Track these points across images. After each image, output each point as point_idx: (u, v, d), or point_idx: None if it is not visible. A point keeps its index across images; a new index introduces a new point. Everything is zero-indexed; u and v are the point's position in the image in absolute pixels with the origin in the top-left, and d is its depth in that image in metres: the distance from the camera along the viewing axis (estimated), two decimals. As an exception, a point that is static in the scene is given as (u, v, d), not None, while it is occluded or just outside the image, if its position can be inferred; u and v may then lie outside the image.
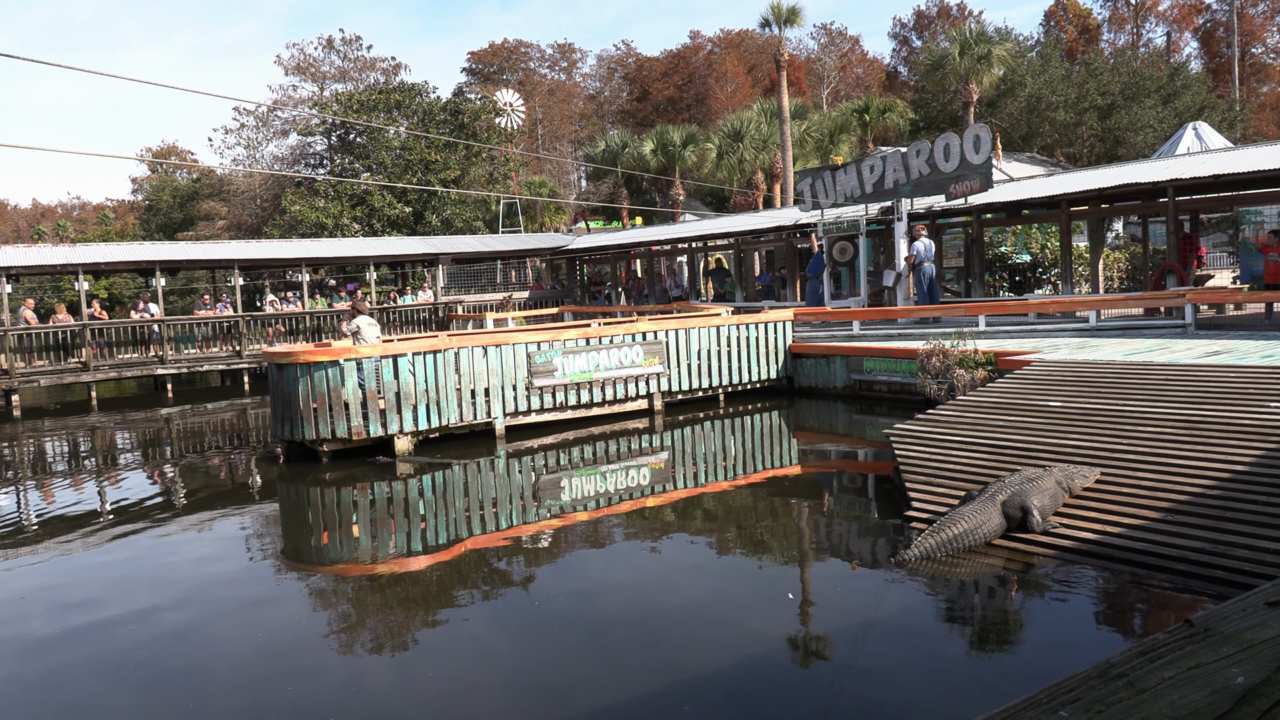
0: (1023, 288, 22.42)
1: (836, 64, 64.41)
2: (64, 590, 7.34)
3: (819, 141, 39.40)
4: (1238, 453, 7.08)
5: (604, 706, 4.84)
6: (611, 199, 43.45)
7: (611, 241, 28.72)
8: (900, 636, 5.44)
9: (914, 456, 8.68)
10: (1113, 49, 52.54)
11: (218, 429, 17.07)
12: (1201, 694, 1.17)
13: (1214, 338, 12.41)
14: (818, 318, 16.89)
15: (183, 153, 67.81)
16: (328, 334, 23.88)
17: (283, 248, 26.81)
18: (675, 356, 14.47)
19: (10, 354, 20.23)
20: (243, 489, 11.48)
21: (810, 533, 8.25)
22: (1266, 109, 52.83)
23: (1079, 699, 1.21)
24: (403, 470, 11.26)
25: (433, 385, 12.22)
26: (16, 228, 72.35)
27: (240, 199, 52.46)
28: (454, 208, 39.41)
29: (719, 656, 5.34)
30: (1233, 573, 5.68)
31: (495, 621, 6.27)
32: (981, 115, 36.71)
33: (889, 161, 17.77)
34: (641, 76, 68.99)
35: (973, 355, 12.24)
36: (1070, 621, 5.63)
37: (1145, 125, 36.32)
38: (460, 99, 41.97)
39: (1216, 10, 56.07)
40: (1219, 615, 1.40)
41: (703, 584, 6.78)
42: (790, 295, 22.33)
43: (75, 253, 23.12)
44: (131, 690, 5.37)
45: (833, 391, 15.14)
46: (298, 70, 52.61)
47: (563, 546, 8.02)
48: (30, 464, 14.12)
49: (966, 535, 6.56)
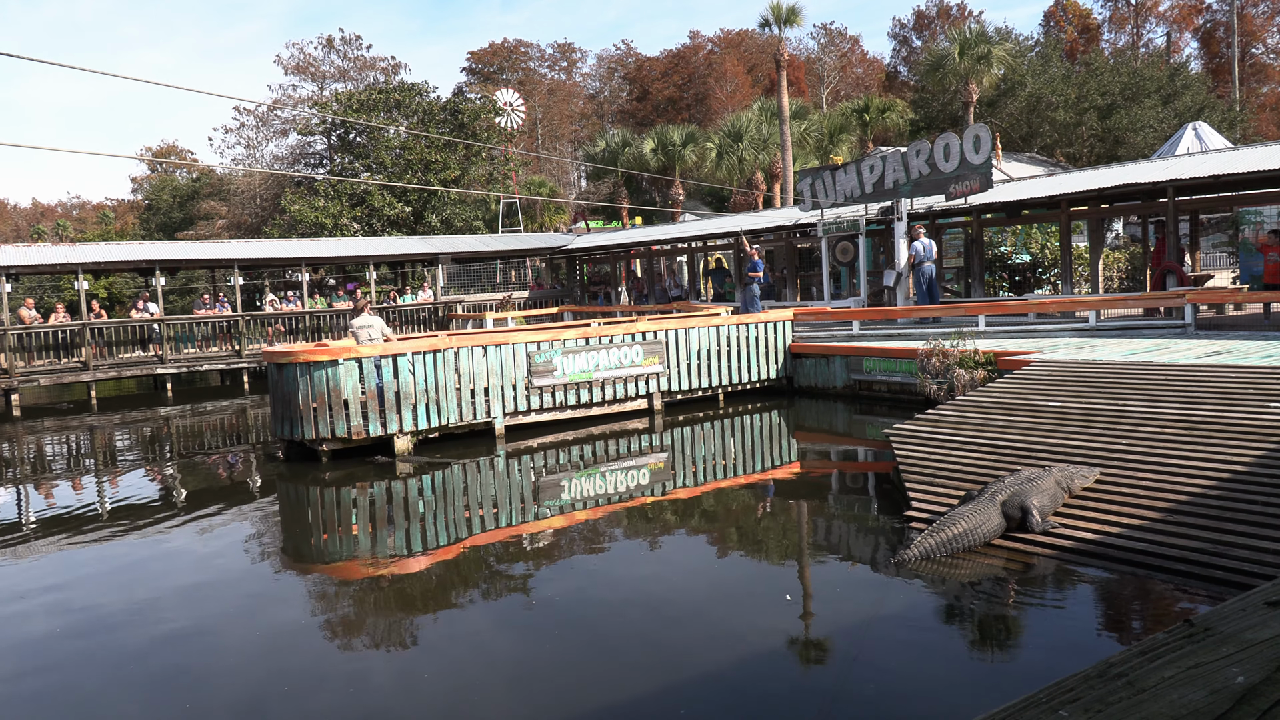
0: (1022, 288, 22.43)
1: (836, 64, 64.41)
2: (64, 589, 7.34)
3: (819, 141, 39.40)
4: (1237, 453, 7.09)
5: (604, 705, 4.84)
6: (611, 199, 43.45)
7: (611, 241, 28.72)
8: (900, 636, 5.44)
9: (914, 456, 8.68)
10: (1113, 49, 52.61)
11: (217, 428, 17.07)
12: (1201, 694, 1.17)
13: (1214, 338, 12.41)
14: (817, 317, 16.89)
15: (183, 152, 67.81)
16: (327, 333, 23.89)
17: (282, 247, 26.81)
18: (675, 356, 14.47)
19: (10, 353, 20.24)
20: (242, 488, 11.48)
21: (810, 533, 8.25)
22: (1266, 109, 52.84)
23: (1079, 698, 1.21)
24: (402, 470, 11.26)
25: (432, 385, 12.22)
26: (16, 227, 72.37)
27: (240, 198, 52.44)
28: (454, 207, 39.42)
29: (719, 656, 5.34)
30: (1232, 573, 5.68)
31: (495, 621, 6.27)
32: (981, 115, 36.72)
33: (889, 161, 17.78)
34: (641, 76, 68.99)
35: (972, 355, 12.25)
36: (1070, 621, 5.64)
37: (1145, 125, 36.33)
38: (460, 99, 41.96)
39: (1217, 10, 56.11)
40: (1218, 615, 1.40)
41: (702, 584, 6.79)
42: (790, 295, 22.33)
43: (75, 252, 23.10)
44: (132, 688, 5.37)
45: (832, 391, 15.14)
46: (297, 70, 52.60)
47: (562, 546, 8.02)
48: (30, 463, 14.12)
49: (966, 535, 6.57)
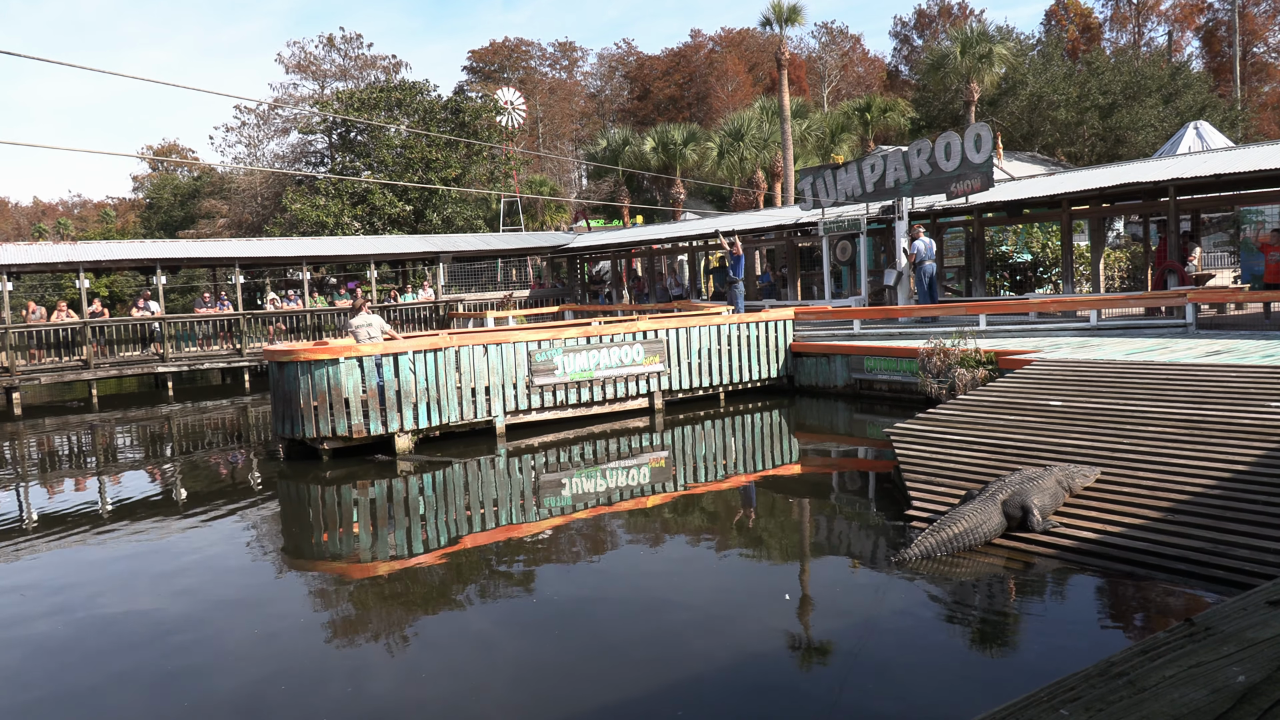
0: (1024, 287, 22.42)
1: (838, 63, 64.36)
2: (65, 586, 7.35)
3: (820, 140, 39.37)
4: (1238, 452, 7.08)
5: (605, 704, 4.84)
6: (612, 197, 43.43)
7: (612, 240, 28.71)
8: (901, 635, 5.44)
9: (914, 456, 8.68)
10: (1114, 48, 52.52)
11: (218, 427, 17.08)
12: (1202, 693, 1.17)
13: (1215, 337, 12.40)
14: (818, 316, 16.88)
15: (184, 151, 67.84)
16: (328, 332, 23.89)
17: (283, 246, 26.82)
18: (676, 355, 14.47)
19: (11, 351, 20.25)
20: (243, 487, 11.48)
21: (811, 532, 8.25)
22: (1268, 108, 52.77)
23: (1079, 697, 1.21)
24: (403, 468, 11.27)
25: (433, 384, 12.22)
26: (17, 225, 72.41)
27: (241, 197, 52.46)
28: (455, 206, 39.41)
29: (720, 655, 5.34)
30: (1233, 572, 5.68)
31: (495, 619, 6.27)
32: (983, 114, 36.70)
33: (890, 160, 17.77)
34: (642, 75, 68.97)
35: (973, 354, 12.24)
36: (1071, 620, 5.64)
37: (1146, 124, 36.29)
38: (461, 97, 41.98)
39: (1218, 9, 56.02)
40: (1219, 614, 1.40)
41: (703, 583, 6.79)
42: (791, 294, 22.33)
43: (76, 251, 23.11)
44: (133, 685, 5.37)
45: (833, 390, 15.13)
46: (298, 69, 52.60)
47: (563, 545, 8.02)
48: (31, 461, 14.13)
49: (967, 534, 6.56)
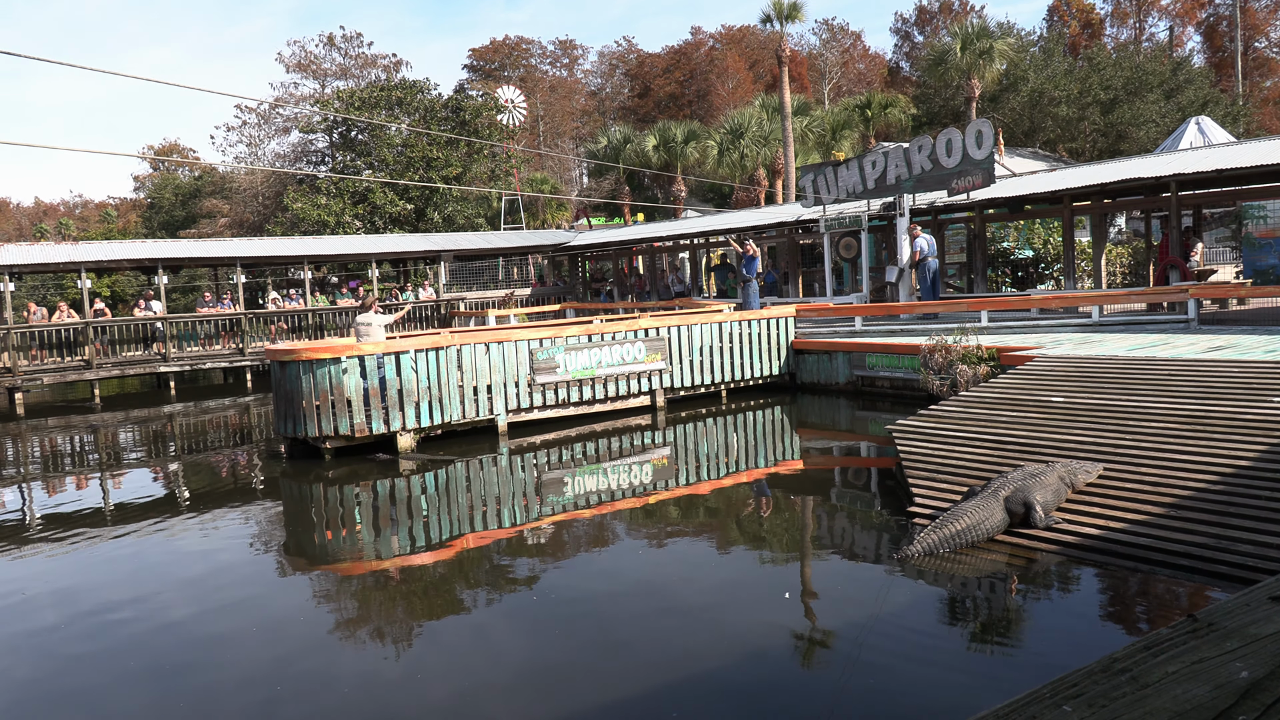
0: (1025, 283, 22.39)
1: (838, 60, 64.27)
2: (69, 585, 7.36)
3: (821, 137, 39.34)
4: (1241, 448, 7.08)
5: (608, 701, 4.85)
6: (613, 195, 43.41)
7: (613, 238, 28.69)
8: (903, 632, 5.44)
9: (916, 452, 8.68)
10: (1115, 44, 52.43)
11: (221, 426, 17.10)
12: (1205, 689, 1.17)
13: (1217, 333, 12.38)
14: (820, 313, 16.88)
15: (185, 150, 67.86)
16: (330, 331, 23.91)
17: (285, 245, 26.84)
18: (677, 353, 14.46)
19: (14, 352, 20.27)
20: (246, 486, 11.50)
21: (813, 528, 8.25)
22: (1270, 104, 52.66)
23: (1082, 693, 1.21)
24: (405, 467, 11.27)
25: (435, 382, 12.23)
26: (19, 226, 72.45)
27: (242, 196, 52.46)
28: (456, 205, 39.41)
29: (723, 651, 5.35)
30: (1236, 568, 5.67)
31: (498, 617, 6.28)
32: (984, 110, 36.64)
33: (891, 157, 17.75)
34: (643, 73, 68.91)
35: (975, 351, 12.23)
36: (1073, 616, 5.64)
37: (1148, 120, 36.24)
38: (462, 96, 41.94)
39: (1220, 4, 55.89)
40: (1222, 610, 1.40)
41: (706, 580, 6.79)
42: (793, 291, 22.31)
43: (78, 251, 23.13)
44: (135, 684, 5.38)
45: (835, 387, 15.13)
46: (299, 68, 52.55)
47: (566, 543, 8.03)
48: (34, 461, 14.15)
49: (969, 531, 6.56)
